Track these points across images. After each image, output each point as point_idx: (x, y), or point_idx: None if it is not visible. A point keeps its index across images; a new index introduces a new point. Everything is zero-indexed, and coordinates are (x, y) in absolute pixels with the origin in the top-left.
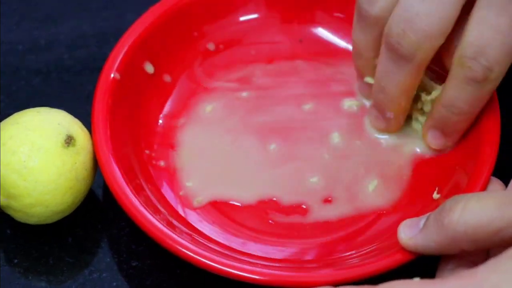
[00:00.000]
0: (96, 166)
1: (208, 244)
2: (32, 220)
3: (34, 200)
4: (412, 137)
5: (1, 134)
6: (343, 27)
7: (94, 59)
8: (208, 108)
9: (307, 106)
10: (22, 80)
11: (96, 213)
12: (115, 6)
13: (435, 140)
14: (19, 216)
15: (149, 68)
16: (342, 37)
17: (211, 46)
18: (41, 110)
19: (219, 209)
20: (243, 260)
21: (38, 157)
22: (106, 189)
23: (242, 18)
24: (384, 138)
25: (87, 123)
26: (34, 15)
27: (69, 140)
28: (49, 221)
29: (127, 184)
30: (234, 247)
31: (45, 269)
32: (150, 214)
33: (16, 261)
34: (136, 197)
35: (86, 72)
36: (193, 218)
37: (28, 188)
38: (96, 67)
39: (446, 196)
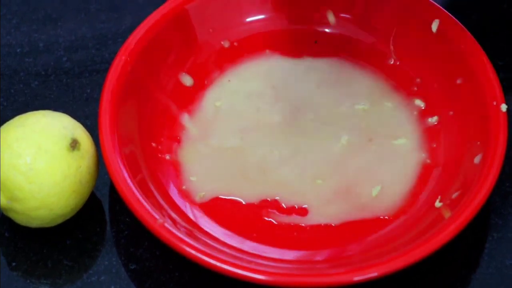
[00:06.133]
0: (98, 170)
1: (208, 241)
2: (34, 223)
3: (39, 203)
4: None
5: (7, 136)
6: (351, 28)
7: (93, 61)
8: (217, 103)
9: (318, 107)
10: (20, 82)
11: (95, 216)
12: (114, 9)
13: None
14: (21, 219)
15: (162, 60)
16: (351, 37)
17: (225, 44)
18: (45, 113)
19: (221, 205)
20: (242, 258)
21: (44, 160)
22: (105, 192)
23: (250, 19)
24: (392, 143)
25: (86, 125)
26: (33, 17)
27: (74, 144)
28: (52, 224)
29: (131, 179)
30: (234, 245)
31: (44, 272)
32: (151, 208)
33: (14, 264)
34: (139, 192)
35: (85, 74)
36: (195, 214)
37: (33, 190)
38: (95, 70)
39: (448, 205)
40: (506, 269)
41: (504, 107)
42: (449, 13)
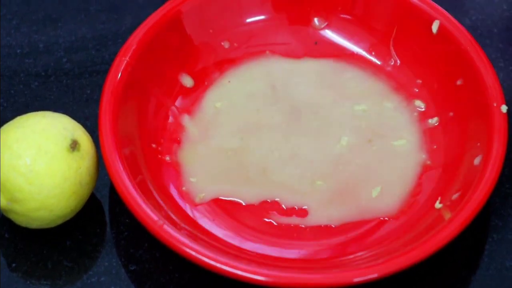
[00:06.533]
0: (98, 171)
1: (209, 241)
2: (34, 224)
3: (39, 204)
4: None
5: (7, 137)
6: (351, 29)
7: (93, 62)
8: (217, 104)
9: (318, 108)
10: (21, 83)
11: (95, 217)
12: (114, 10)
13: None
14: (21, 220)
15: (162, 61)
16: (352, 38)
17: (226, 44)
18: (45, 114)
19: (221, 206)
20: (242, 259)
21: (44, 161)
22: (104, 193)
23: (250, 19)
24: (392, 144)
25: (86, 126)
26: (32, 18)
27: (74, 145)
28: (52, 225)
29: (131, 180)
30: (234, 245)
31: (44, 273)
32: (151, 209)
33: (14, 265)
34: (139, 193)
35: (85, 75)
36: (195, 215)
37: (33, 192)
38: (95, 70)
39: (448, 206)
40: (506, 270)
41: (504, 108)
42: (449, 14)
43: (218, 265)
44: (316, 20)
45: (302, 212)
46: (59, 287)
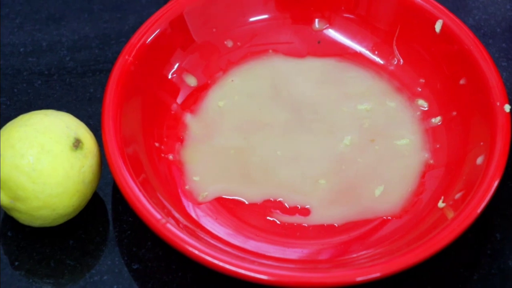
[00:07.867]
0: (101, 170)
1: (211, 241)
2: (37, 223)
3: (42, 203)
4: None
5: (10, 136)
6: (354, 28)
7: (96, 61)
8: (220, 103)
9: (321, 108)
10: (23, 82)
11: (98, 216)
12: (117, 9)
13: None
14: (24, 219)
15: (165, 60)
16: (355, 38)
17: (229, 43)
18: (48, 112)
19: (224, 205)
20: (245, 258)
21: (47, 160)
22: (107, 192)
23: (253, 19)
24: (395, 144)
25: (89, 125)
26: (36, 17)
27: (77, 144)
28: (54, 224)
29: (134, 179)
30: (237, 245)
31: (47, 271)
32: (154, 208)
33: (17, 263)
34: (142, 192)
35: (88, 74)
36: (197, 213)
37: (36, 190)
38: (98, 69)
39: (451, 205)
40: (509, 270)
41: (507, 108)
42: (452, 14)
43: (221, 263)
44: (318, 19)
45: (305, 211)
46: (62, 286)
